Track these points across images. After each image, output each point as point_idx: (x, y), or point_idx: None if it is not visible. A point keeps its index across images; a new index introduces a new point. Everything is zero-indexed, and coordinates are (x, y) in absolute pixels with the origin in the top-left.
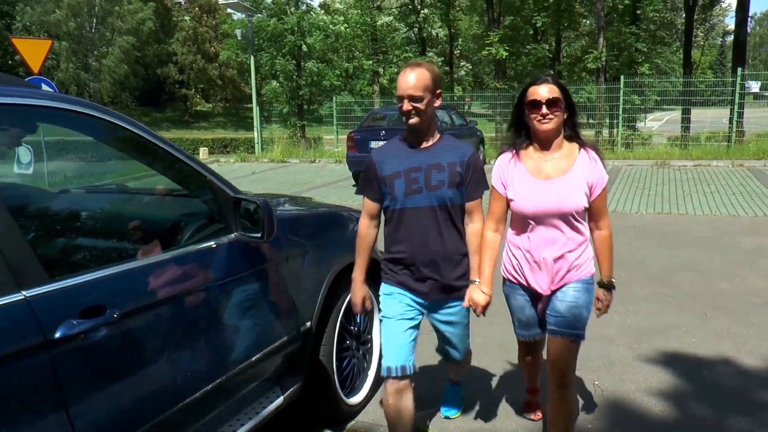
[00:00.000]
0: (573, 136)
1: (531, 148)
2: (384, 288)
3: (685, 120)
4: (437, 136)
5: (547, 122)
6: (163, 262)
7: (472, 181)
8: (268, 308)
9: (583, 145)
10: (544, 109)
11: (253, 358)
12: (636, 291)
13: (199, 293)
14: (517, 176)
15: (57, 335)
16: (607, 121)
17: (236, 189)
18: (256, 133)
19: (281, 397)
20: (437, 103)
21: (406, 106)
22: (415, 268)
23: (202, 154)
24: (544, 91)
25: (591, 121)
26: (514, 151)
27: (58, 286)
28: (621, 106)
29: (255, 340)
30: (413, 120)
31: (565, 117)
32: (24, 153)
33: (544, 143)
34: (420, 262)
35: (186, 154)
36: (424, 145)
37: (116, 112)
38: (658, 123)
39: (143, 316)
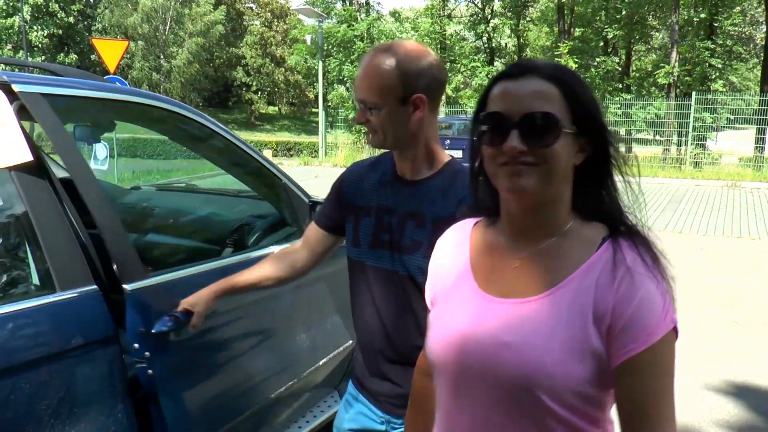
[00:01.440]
0: (597, 210)
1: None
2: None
3: (760, 140)
4: (439, 163)
5: (518, 175)
6: (247, 263)
7: None
8: (334, 313)
9: (616, 233)
10: (514, 141)
11: (320, 362)
12: (703, 317)
13: (276, 295)
14: (450, 278)
15: (153, 330)
16: (676, 138)
17: (308, 194)
18: (320, 138)
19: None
20: (418, 115)
21: (359, 115)
22: (370, 357)
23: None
24: (516, 93)
25: (659, 138)
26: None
27: (154, 281)
28: (691, 124)
29: (323, 344)
30: (373, 139)
31: (576, 161)
32: (101, 149)
33: (516, 219)
34: (376, 349)
35: (262, 156)
36: (411, 176)
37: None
38: (731, 142)
39: (227, 316)
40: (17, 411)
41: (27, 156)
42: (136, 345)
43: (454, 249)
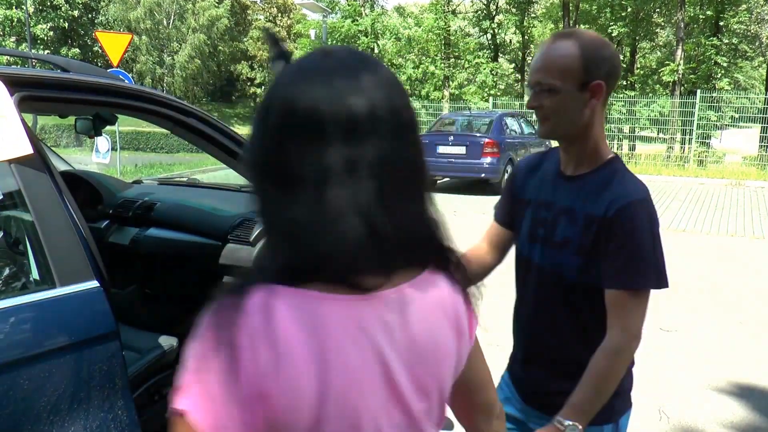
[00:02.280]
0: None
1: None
2: None
3: (764, 139)
4: (601, 159)
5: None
6: None
7: (613, 255)
8: None
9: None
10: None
11: None
12: (707, 317)
13: None
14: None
15: None
16: (680, 136)
17: None
18: None
19: None
20: (593, 103)
21: (531, 99)
22: (518, 346)
23: None
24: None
25: (663, 136)
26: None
27: None
28: (696, 122)
29: None
30: (542, 127)
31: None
32: (102, 142)
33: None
34: (522, 340)
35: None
36: (572, 171)
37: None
38: (736, 140)
39: None
40: (15, 407)
41: (27, 149)
42: None
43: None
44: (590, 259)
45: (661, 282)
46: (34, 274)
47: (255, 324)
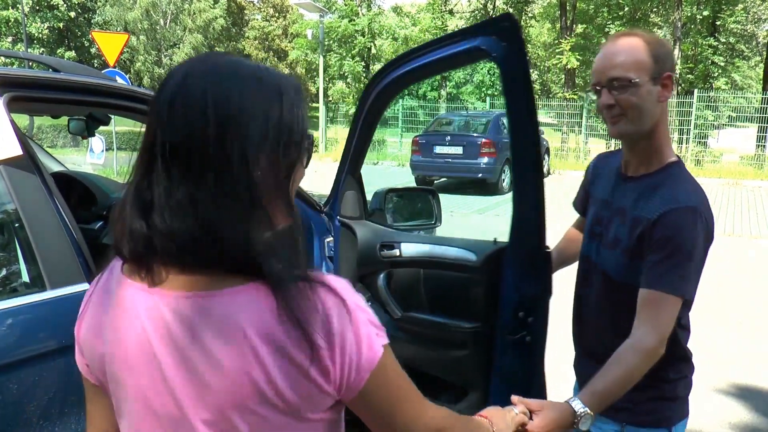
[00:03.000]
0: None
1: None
2: None
3: (761, 138)
4: (662, 161)
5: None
6: None
7: (650, 256)
8: None
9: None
10: (604, 96)
11: None
12: (705, 317)
13: None
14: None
15: None
16: (677, 136)
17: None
18: (320, 133)
19: None
20: (664, 96)
21: (605, 97)
22: (575, 343)
23: None
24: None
25: None
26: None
27: None
28: (693, 121)
29: None
30: (616, 126)
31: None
32: (97, 143)
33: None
34: (577, 338)
35: None
36: (633, 171)
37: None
38: (733, 140)
39: None
40: (4, 412)
41: (16, 150)
42: None
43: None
44: (634, 261)
45: (686, 291)
46: (24, 277)
47: (90, 288)
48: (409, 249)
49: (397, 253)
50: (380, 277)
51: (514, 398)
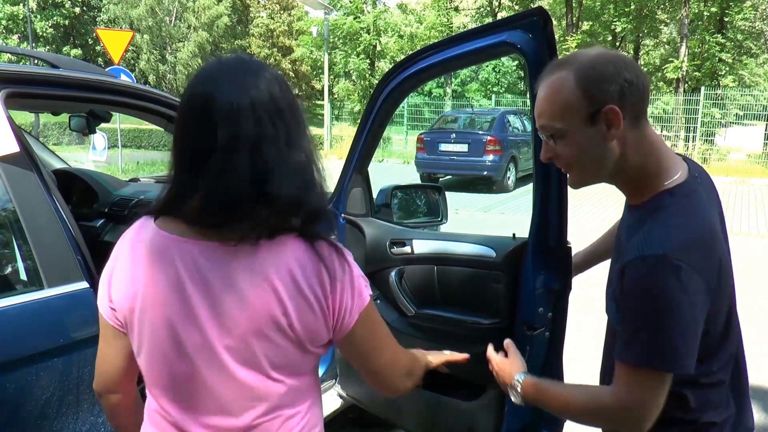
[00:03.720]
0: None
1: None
2: None
3: None
4: (649, 192)
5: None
6: None
7: (620, 318)
8: None
9: None
10: (543, 148)
11: None
12: None
13: None
14: None
15: None
16: (684, 134)
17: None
18: (325, 130)
19: None
20: (612, 136)
21: (543, 150)
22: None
23: None
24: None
25: (666, 133)
26: None
27: None
28: (700, 119)
29: None
30: (570, 178)
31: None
32: (99, 140)
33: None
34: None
35: None
36: (630, 200)
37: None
38: (740, 138)
39: None
40: (2, 410)
41: (13, 147)
42: None
43: None
44: (616, 311)
45: (666, 364)
46: (22, 275)
47: (119, 244)
48: (422, 246)
49: (409, 250)
50: (392, 274)
51: (506, 342)
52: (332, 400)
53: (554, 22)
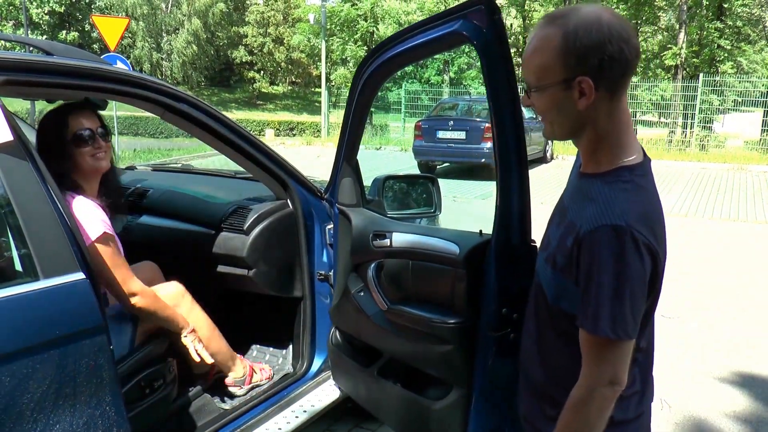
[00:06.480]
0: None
1: None
2: None
3: (766, 123)
4: (613, 163)
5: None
6: None
7: (580, 285)
8: None
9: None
10: (524, 96)
11: None
12: (709, 303)
13: None
14: None
15: None
16: (682, 120)
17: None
18: (323, 117)
19: None
20: (583, 104)
21: (523, 97)
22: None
23: (268, 135)
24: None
25: (664, 120)
26: None
27: None
28: (698, 106)
29: None
30: (545, 128)
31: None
32: None
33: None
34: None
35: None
36: (585, 167)
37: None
38: (738, 124)
39: None
40: None
41: (6, 136)
42: None
43: None
44: (556, 273)
45: (617, 330)
46: (16, 266)
47: None
48: (399, 239)
49: (388, 243)
50: (371, 267)
51: None
52: (331, 390)
53: (552, 9)
